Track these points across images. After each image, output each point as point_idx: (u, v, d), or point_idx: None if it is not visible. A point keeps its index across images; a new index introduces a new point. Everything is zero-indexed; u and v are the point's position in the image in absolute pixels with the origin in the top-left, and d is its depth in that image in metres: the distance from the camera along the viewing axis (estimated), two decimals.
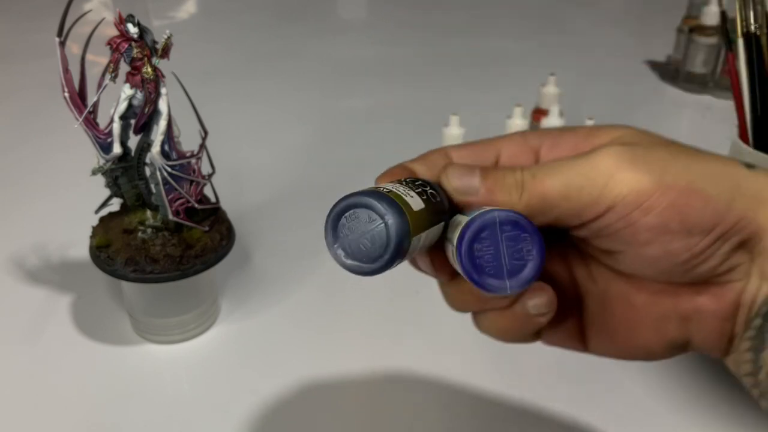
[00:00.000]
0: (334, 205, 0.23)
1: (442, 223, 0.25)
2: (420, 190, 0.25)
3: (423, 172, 0.28)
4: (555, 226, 0.26)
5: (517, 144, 0.29)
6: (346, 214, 0.23)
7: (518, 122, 0.67)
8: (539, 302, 0.26)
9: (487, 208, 0.24)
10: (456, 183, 0.26)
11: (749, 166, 0.26)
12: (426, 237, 0.24)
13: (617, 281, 0.28)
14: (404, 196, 0.23)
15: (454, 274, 0.28)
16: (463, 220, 0.24)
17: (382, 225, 0.22)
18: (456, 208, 0.26)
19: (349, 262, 0.23)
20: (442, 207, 0.26)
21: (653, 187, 0.24)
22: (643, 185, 0.24)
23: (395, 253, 0.22)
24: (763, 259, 0.25)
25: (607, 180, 0.24)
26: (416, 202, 0.24)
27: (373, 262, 0.22)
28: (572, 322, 0.30)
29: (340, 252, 0.23)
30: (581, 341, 0.30)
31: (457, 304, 0.29)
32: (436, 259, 0.27)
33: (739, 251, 0.25)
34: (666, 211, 0.24)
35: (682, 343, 0.28)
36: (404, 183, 0.25)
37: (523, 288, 0.23)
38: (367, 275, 0.23)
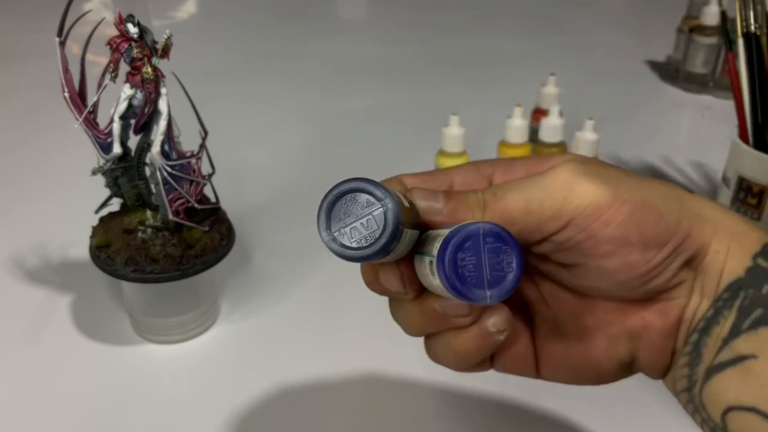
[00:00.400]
0: (332, 189, 0.23)
1: (417, 232, 0.26)
2: (414, 206, 0.26)
3: None
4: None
5: (470, 173, 0.29)
6: (345, 197, 0.23)
7: (518, 122, 0.67)
8: (498, 320, 0.26)
9: (468, 221, 0.24)
10: (421, 203, 0.26)
11: (688, 190, 0.27)
12: (407, 237, 0.24)
13: (569, 302, 0.29)
14: (414, 208, 0.24)
15: (419, 291, 0.28)
16: (442, 232, 0.24)
17: (381, 209, 0.23)
18: (422, 226, 0.27)
19: (345, 245, 0.23)
20: (418, 215, 0.26)
21: (611, 200, 0.25)
22: (601, 198, 0.25)
23: (392, 237, 0.23)
24: (704, 276, 0.26)
25: (567, 193, 0.25)
26: (403, 199, 0.25)
27: (369, 245, 0.23)
28: (524, 345, 0.30)
29: (336, 235, 0.23)
30: (533, 366, 0.30)
31: (415, 325, 0.29)
32: (405, 272, 0.27)
33: (684, 268, 0.26)
34: (625, 223, 0.25)
35: (628, 362, 0.28)
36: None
37: (501, 299, 0.23)
38: (360, 260, 0.23)
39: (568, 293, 0.29)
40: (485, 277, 0.23)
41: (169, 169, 0.47)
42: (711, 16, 0.94)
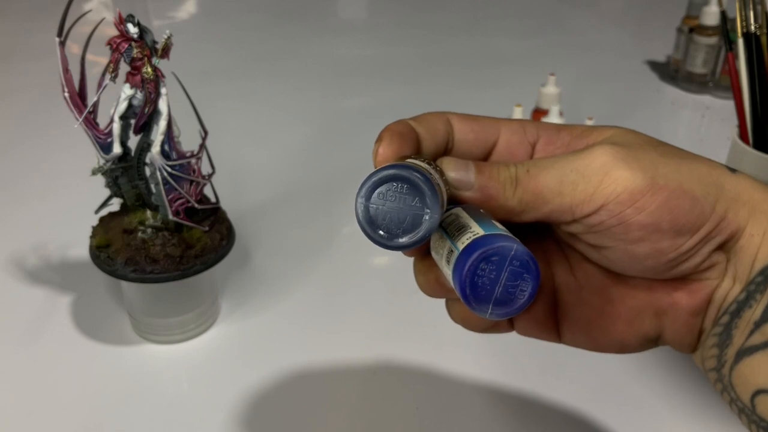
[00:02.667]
0: (391, 167, 0.23)
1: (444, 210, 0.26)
2: (444, 178, 0.26)
3: (423, 134, 0.28)
4: (545, 221, 0.27)
5: (516, 133, 0.29)
6: (396, 183, 0.23)
7: None
8: None
9: (503, 231, 0.24)
10: (451, 175, 0.26)
11: (731, 170, 0.26)
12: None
13: (596, 275, 0.29)
14: (442, 187, 0.24)
15: (425, 255, 0.28)
16: (475, 230, 0.24)
17: (423, 216, 0.23)
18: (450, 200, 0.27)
19: (373, 222, 0.23)
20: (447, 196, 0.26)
21: (646, 186, 0.24)
22: (636, 184, 0.24)
23: (418, 241, 0.23)
24: (737, 259, 0.26)
25: (602, 177, 0.25)
26: (437, 177, 0.25)
27: (394, 238, 0.23)
28: (546, 312, 0.30)
29: (371, 208, 0.23)
30: (555, 332, 0.30)
31: (421, 285, 0.30)
32: None
33: (717, 251, 0.26)
34: (658, 210, 0.24)
35: (654, 337, 0.28)
36: (429, 164, 0.26)
37: (501, 318, 0.23)
38: (378, 244, 0.23)
39: (595, 266, 0.29)
40: (495, 293, 0.23)
41: (169, 169, 0.47)
42: (711, 16, 0.94)
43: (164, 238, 0.49)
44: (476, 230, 0.24)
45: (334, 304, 0.57)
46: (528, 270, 0.23)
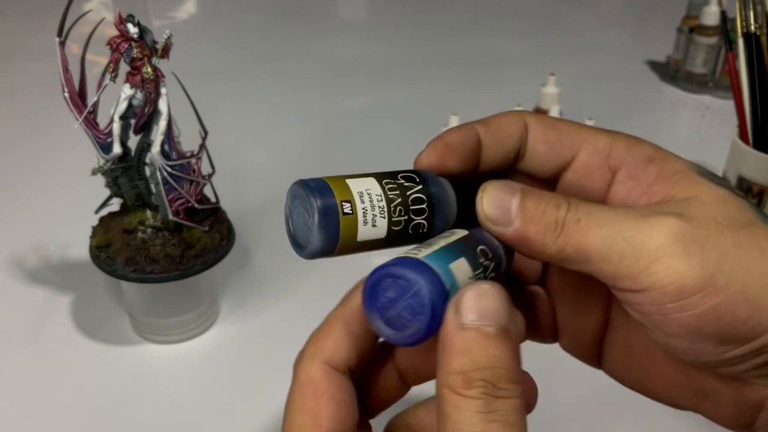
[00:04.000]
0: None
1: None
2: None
3: (489, 141, 0.26)
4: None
5: (599, 153, 0.25)
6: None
7: None
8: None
9: (446, 269, 0.21)
10: (489, 211, 0.23)
11: None
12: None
13: (640, 330, 0.26)
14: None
15: None
16: (424, 251, 0.22)
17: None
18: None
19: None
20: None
21: (700, 284, 0.21)
22: (689, 280, 0.21)
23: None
24: None
25: (653, 261, 0.21)
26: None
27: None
28: (591, 336, 0.28)
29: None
30: (597, 360, 0.28)
31: None
32: None
33: None
34: (705, 314, 0.21)
35: (691, 408, 0.26)
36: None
37: (390, 341, 0.21)
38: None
39: None
40: (388, 314, 0.21)
41: (169, 169, 0.47)
42: (711, 16, 0.94)
43: (164, 238, 0.49)
44: (422, 252, 0.22)
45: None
46: (422, 313, 0.20)
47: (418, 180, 0.24)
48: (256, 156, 0.82)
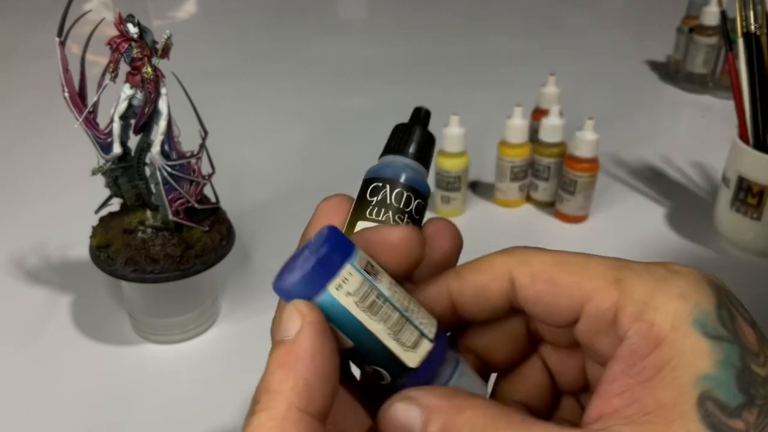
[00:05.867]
0: None
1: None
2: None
3: (465, 301, 0.23)
4: None
5: (602, 319, 0.21)
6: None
7: (518, 122, 0.67)
8: None
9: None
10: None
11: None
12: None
13: None
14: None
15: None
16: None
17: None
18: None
19: None
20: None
21: None
22: None
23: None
24: None
25: None
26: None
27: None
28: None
29: None
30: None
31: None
32: None
33: None
34: None
35: None
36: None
37: (283, 286, 0.22)
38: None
39: None
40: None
41: (169, 169, 0.47)
42: (711, 16, 0.94)
43: (164, 238, 0.49)
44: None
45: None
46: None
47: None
48: (256, 156, 0.82)
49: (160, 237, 0.49)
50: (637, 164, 0.79)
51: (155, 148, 0.46)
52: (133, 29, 0.44)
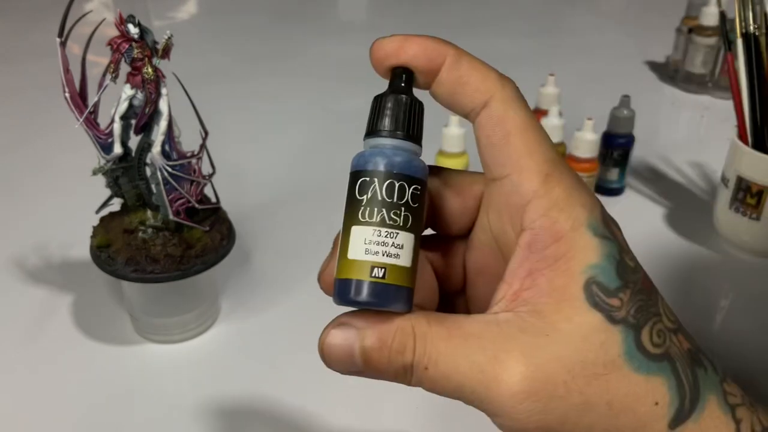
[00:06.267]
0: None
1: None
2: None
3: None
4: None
5: (522, 199, 0.24)
6: None
7: None
8: None
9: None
10: (334, 366, 0.25)
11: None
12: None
13: None
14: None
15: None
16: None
17: None
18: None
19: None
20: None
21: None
22: None
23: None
24: None
25: (500, 414, 0.23)
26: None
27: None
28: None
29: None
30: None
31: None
32: None
33: None
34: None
35: None
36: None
37: None
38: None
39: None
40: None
41: (169, 169, 0.47)
42: (710, 16, 0.94)
43: (165, 238, 0.49)
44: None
45: (334, 304, 0.57)
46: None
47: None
48: (256, 156, 0.82)
49: (161, 237, 0.49)
50: (636, 164, 0.79)
51: (156, 149, 0.46)
52: (133, 30, 0.44)
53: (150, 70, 0.45)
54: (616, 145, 0.71)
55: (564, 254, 0.23)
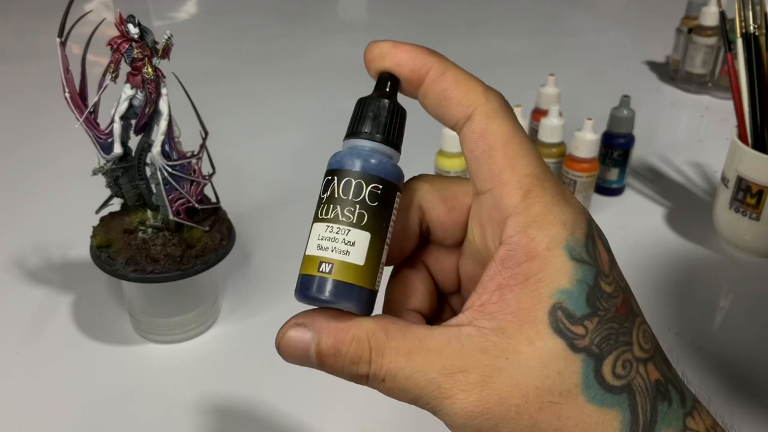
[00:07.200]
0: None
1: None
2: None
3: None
4: None
5: (499, 213, 0.24)
6: None
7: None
8: None
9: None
10: (291, 361, 0.25)
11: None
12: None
13: None
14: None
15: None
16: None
17: None
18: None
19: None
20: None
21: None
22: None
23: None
24: None
25: (452, 427, 0.24)
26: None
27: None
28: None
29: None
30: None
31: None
32: None
33: None
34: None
35: None
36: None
37: None
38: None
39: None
40: None
41: (169, 169, 0.47)
42: (710, 16, 0.95)
43: (165, 238, 0.49)
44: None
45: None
46: None
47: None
48: (256, 156, 0.82)
49: (161, 237, 0.49)
50: (636, 164, 0.80)
51: (156, 148, 0.46)
52: (133, 30, 0.44)
53: (150, 70, 0.45)
54: (616, 145, 0.71)
55: (535, 274, 0.22)
